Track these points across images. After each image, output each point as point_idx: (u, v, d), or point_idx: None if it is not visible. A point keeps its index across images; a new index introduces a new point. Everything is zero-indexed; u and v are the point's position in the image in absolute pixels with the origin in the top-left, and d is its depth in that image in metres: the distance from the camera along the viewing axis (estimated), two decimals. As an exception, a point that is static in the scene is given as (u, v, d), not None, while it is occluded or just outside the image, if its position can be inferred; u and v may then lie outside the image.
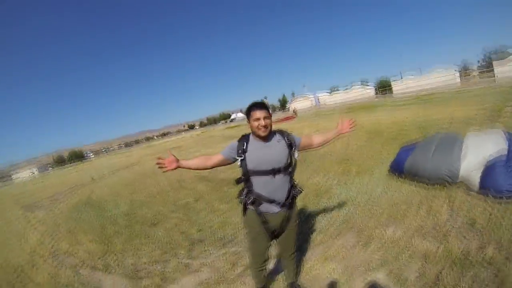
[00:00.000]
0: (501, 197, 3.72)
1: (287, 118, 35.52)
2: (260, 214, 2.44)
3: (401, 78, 54.89)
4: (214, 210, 5.68)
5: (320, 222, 4.27)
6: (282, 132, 2.56)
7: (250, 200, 2.43)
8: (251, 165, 2.38)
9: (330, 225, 4.11)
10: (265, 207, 2.43)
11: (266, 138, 2.42)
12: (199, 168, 2.59)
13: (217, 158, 2.54)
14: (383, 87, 56.64)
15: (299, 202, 5.10)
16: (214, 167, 2.60)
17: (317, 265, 3.28)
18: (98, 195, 10.44)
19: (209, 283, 3.35)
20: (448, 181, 4.40)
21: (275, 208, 2.43)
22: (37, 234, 6.96)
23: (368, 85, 61.86)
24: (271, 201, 2.40)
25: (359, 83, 64.61)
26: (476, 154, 4.27)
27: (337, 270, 3.12)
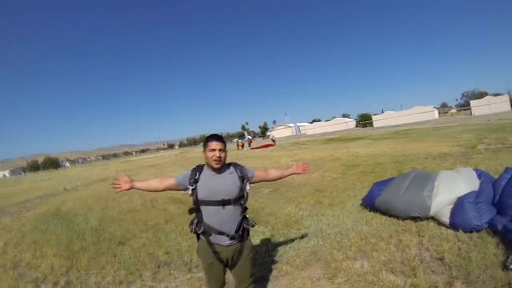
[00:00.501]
0: (471, 231, 3.83)
1: (266, 146, 35.94)
2: (210, 244, 2.46)
3: (382, 112, 56.56)
4: (184, 233, 5.58)
5: (288, 253, 4.24)
6: (235, 165, 2.60)
7: (201, 231, 2.46)
8: (201, 195, 2.41)
9: (297, 256, 4.08)
10: (215, 238, 2.44)
11: (219, 170, 2.46)
12: (152, 190, 2.64)
13: (170, 182, 2.57)
14: (364, 120, 58.11)
15: (268, 232, 5.16)
16: (166, 190, 2.63)
17: (281, 297, 3.22)
18: (69, 207, 10.18)
19: (171, 309, 3.27)
20: (418, 217, 4.49)
21: (225, 241, 2.44)
22: (1, 242, 6.72)
23: (349, 117, 63.64)
24: (221, 233, 2.41)
25: (341, 116, 66.31)
26: (448, 192, 4.38)
27: (300, 303, 3.08)
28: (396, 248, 3.86)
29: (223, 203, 2.38)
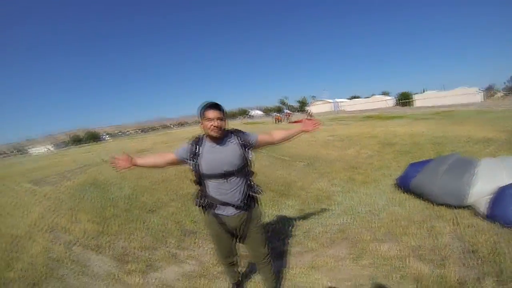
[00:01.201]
0: (509, 227, 3.49)
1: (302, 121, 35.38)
2: (216, 216, 2.42)
3: (423, 91, 54.28)
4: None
5: (315, 229, 4.15)
6: (236, 132, 2.48)
7: (205, 204, 2.42)
8: (203, 169, 2.33)
9: (324, 233, 3.99)
10: (220, 209, 2.39)
11: (219, 139, 2.34)
12: (152, 166, 2.63)
13: (169, 157, 2.53)
14: (404, 99, 56.11)
15: (297, 206, 5.07)
16: (168, 166, 2.60)
17: (301, 273, 3.17)
18: (105, 177, 10.50)
19: (191, 276, 3.31)
20: (454, 204, 4.21)
21: (231, 211, 2.38)
22: (40, 208, 7.03)
23: (389, 96, 61.65)
24: (225, 204, 2.36)
25: (380, 93, 64.29)
26: (489, 181, 4.02)
27: (321, 281, 3.01)
28: (427, 234, 3.66)
29: (226, 175, 2.31)
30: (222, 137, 2.34)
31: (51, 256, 4.22)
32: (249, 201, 2.45)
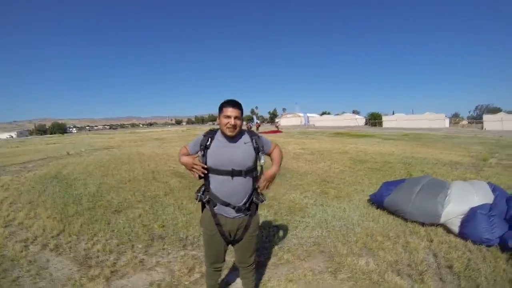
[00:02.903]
0: (480, 244, 3.66)
1: (273, 131, 35.76)
2: (214, 215, 2.32)
3: (393, 113, 56.31)
4: (182, 208, 5.41)
5: (290, 241, 4.05)
6: (252, 134, 2.39)
7: (206, 199, 2.32)
8: (210, 162, 2.25)
9: (300, 245, 3.88)
10: (220, 209, 2.30)
11: (233, 138, 2.27)
12: None
13: (185, 152, 2.41)
14: (374, 119, 57.94)
15: (270, 217, 4.95)
16: None
17: (278, 286, 3.03)
18: (69, 171, 10.05)
19: (160, 285, 3.08)
20: (427, 223, 4.32)
21: (230, 212, 2.29)
22: (-3, 199, 6.58)
23: (359, 114, 63.44)
24: (226, 204, 2.26)
25: (351, 112, 66.03)
26: (461, 202, 4.20)
27: (300, 295, 2.89)
28: (403, 249, 3.68)
29: (233, 173, 2.21)
30: (236, 135, 2.27)
31: (5, 255, 3.91)
32: (250, 207, 2.36)
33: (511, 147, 14.89)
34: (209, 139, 2.29)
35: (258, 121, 49.91)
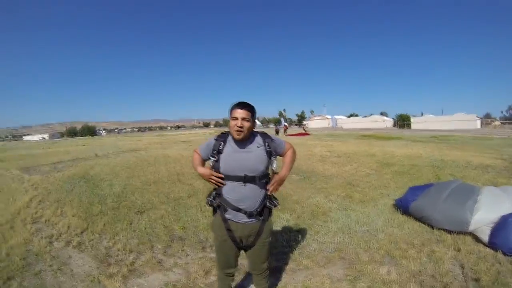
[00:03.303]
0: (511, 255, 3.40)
1: (301, 134, 35.33)
2: (225, 220, 2.25)
3: (422, 114, 54.96)
4: (204, 210, 5.41)
5: (310, 246, 3.95)
6: (265, 136, 2.31)
7: (216, 204, 2.27)
8: (222, 168, 2.18)
9: (320, 251, 3.78)
10: (231, 214, 2.22)
11: (244, 142, 2.20)
12: None
13: (199, 159, 2.39)
14: (402, 121, 56.65)
15: (292, 221, 4.87)
16: None
17: (295, 292, 2.95)
18: (96, 172, 10.30)
19: (176, 286, 3.08)
20: (454, 230, 4.08)
21: (242, 218, 2.21)
22: (26, 197, 6.84)
23: (387, 116, 62.34)
24: (237, 209, 2.19)
25: (379, 114, 65.05)
26: (491, 209, 3.93)
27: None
28: (428, 259, 3.49)
29: (245, 179, 2.15)
30: (246, 139, 2.20)
31: (31, 249, 4.04)
32: (264, 212, 2.29)
33: (546, 150, 14.05)
34: (222, 144, 2.23)
35: (286, 124, 49.67)
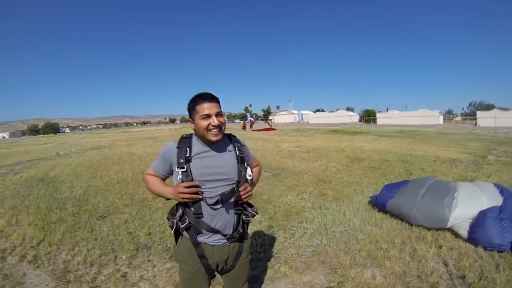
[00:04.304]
0: (491, 250, 3.40)
1: (267, 129, 35.41)
2: (197, 245, 1.74)
3: (387, 110, 56.82)
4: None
5: (287, 250, 3.71)
6: (234, 140, 1.88)
7: (185, 225, 1.72)
8: (196, 179, 1.66)
9: (298, 256, 3.54)
10: (204, 235, 1.74)
11: (215, 143, 1.74)
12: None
13: (158, 181, 1.84)
14: (368, 116, 58.18)
15: (265, 222, 4.60)
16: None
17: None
18: (57, 173, 9.72)
19: (142, 304, 2.75)
20: (434, 227, 4.03)
21: (219, 241, 1.76)
22: (-22, 205, 6.24)
23: (353, 111, 63.85)
24: (213, 230, 1.72)
25: (345, 109, 66.53)
26: (469, 205, 3.92)
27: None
28: (410, 258, 3.36)
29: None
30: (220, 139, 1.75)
31: (-19, 267, 3.58)
32: (243, 229, 1.82)
33: (507, 144, 14.69)
34: (187, 150, 1.71)
35: (252, 119, 49.53)
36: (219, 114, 1.68)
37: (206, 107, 1.65)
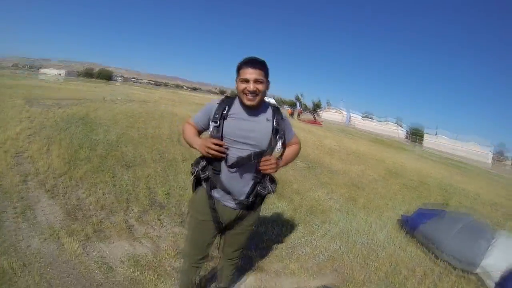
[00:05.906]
0: None
1: (314, 122, 34.73)
2: (211, 197, 1.83)
3: (436, 133, 54.55)
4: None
5: (302, 247, 3.48)
6: (277, 111, 1.87)
7: (204, 175, 1.81)
8: (224, 135, 1.74)
9: (312, 256, 3.32)
10: (219, 193, 1.82)
11: (254, 110, 1.77)
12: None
13: (193, 131, 1.91)
14: (415, 134, 56.12)
15: (288, 212, 4.38)
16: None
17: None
18: (97, 115, 9.92)
19: (138, 261, 2.65)
20: (460, 268, 3.66)
21: (230, 203, 1.83)
22: (18, 128, 6.46)
23: (402, 127, 61.65)
24: (227, 192, 1.78)
25: (394, 119, 64.48)
26: (503, 256, 3.51)
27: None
28: (429, 292, 3.02)
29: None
30: (258, 107, 1.79)
31: (2, 185, 3.65)
32: (256, 200, 1.87)
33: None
34: (226, 108, 1.78)
35: (301, 108, 48.84)
36: (257, 81, 1.69)
37: (247, 72, 1.69)
